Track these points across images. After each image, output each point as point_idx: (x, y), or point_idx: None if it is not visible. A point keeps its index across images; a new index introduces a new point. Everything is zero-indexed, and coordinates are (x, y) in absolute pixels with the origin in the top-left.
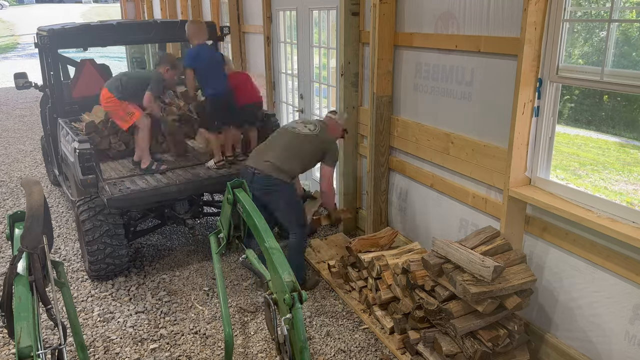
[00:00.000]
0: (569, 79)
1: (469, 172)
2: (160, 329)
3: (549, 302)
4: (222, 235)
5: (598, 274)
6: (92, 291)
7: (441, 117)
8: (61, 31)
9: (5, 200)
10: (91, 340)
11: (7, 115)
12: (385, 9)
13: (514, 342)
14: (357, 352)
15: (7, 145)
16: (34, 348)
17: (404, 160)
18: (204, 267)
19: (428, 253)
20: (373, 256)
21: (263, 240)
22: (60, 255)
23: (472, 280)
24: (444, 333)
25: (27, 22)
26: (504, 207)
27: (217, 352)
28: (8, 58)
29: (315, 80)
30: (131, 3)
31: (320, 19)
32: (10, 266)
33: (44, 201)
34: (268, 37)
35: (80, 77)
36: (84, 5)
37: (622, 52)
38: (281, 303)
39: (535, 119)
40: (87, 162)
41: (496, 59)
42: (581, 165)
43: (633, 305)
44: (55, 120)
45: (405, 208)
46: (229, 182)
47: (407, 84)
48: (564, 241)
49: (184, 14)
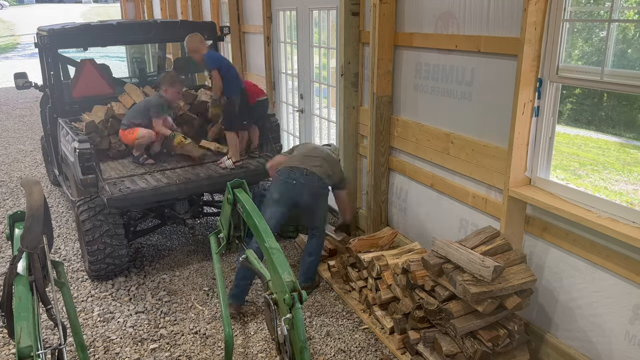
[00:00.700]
0: (569, 79)
1: (469, 172)
2: (160, 329)
3: (549, 302)
4: (222, 235)
5: (598, 274)
6: (92, 291)
7: (441, 117)
8: (61, 31)
9: (5, 200)
10: (91, 340)
11: (7, 115)
12: (385, 9)
13: (514, 342)
14: (357, 352)
15: (7, 145)
16: (34, 348)
17: (404, 160)
18: (204, 267)
19: (428, 253)
20: (373, 256)
21: (263, 240)
22: (60, 255)
23: (472, 280)
24: (444, 333)
25: (27, 22)
26: (504, 207)
27: (217, 352)
28: (8, 58)
29: (315, 80)
30: (131, 3)
31: (320, 19)
32: (10, 266)
33: (44, 201)
34: (268, 37)
35: (80, 77)
36: (84, 5)
37: (622, 52)
38: (281, 303)
39: (535, 119)
40: (87, 162)
41: (496, 59)
42: (581, 165)
43: (633, 305)
44: (55, 120)
45: (405, 208)
46: (229, 182)
47: (407, 84)
48: (564, 241)
49: (184, 14)
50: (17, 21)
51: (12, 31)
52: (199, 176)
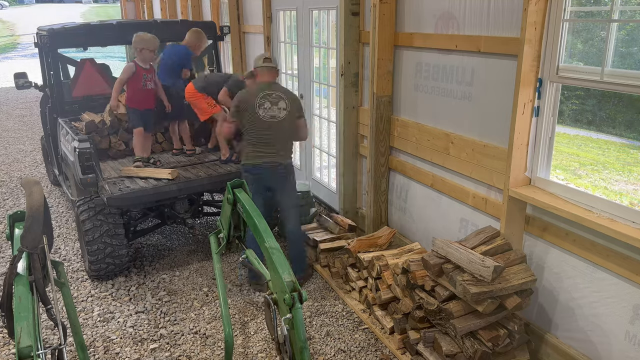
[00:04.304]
0: (569, 79)
1: (469, 172)
2: (160, 329)
3: (549, 302)
4: (222, 235)
5: (598, 274)
6: (92, 291)
7: (441, 117)
8: (61, 31)
9: (5, 200)
10: (91, 340)
11: (7, 115)
12: (385, 9)
13: (514, 342)
14: (357, 352)
15: (7, 145)
16: (34, 348)
17: (404, 160)
18: (204, 267)
19: (428, 253)
20: (373, 256)
21: (263, 240)
22: (60, 255)
23: (472, 280)
24: (444, 333)
25: (27, 22)
26: (504, 207)
27: (217, 352)
28: (8, 58)
29: (315, 80)
30: (131, 3)
31: (320, 19)
32: (10, 266)
33: (44, 201)
34: (268, 37)
35: (80, 77)
36: (84, 5)
37: (622, 52)
38: (281, 303)
39: (535, 119)
40: (87, 162)
41: (496, 59)
42: (581, 165)
43: (633, 305)
44: (55, 120)
45: (405, 208)
46: (229, 182)
47: (407, 84)
48: (564, 241)
49: (184, 14)
50: (17, 21)
51: (12, 31)
52: (199, 175)
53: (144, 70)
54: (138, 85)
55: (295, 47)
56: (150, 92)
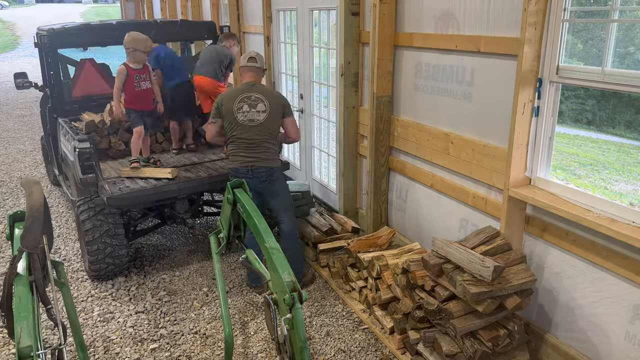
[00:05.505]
0: (569, 79)
1: (469, 172)
2: (160, 329)
3: (549, 302)
4: (222, 235)
5: (598, 274)
6: (92, 291)
7: (441, 117)
8: (61, 31)
9: (5, 200)
10: (91, 340)
11: (7, 115)
12: (385, 9)
13: (514, 342)
14: (357, 352)
15: (7, 145)
16: (34, 348)
17: (404, 160)
18: (204, 267)
19: (428, 253)
20: (373, 256)
21: (263, 240)
22: (60, 255)
23: (472, 280)
24: (444, 333)
25: (27, 22)
26: (504, 207)
27: (217, 352)
28: (8, 58)
29: (315, 80)
30: (131, 3)
31: (320, 19)
32: (10, 266)
33: (44, 201)
34: (268, 37)
35: (80, 77)
36: (84, 5)
37: (622, 52)
38: (281, 303)
39: (535, 119)
40: (87, 161)
41: (496, 59)
42: (581, 165)
43: (633, 306)
44: (55, 120)
45: (405, 208)
46: (229, 182)
47: (407, 84)
48: (564, 241)
49: (184, 14)
50: (17, 21)
51: (12, 31)
52: (199, 175)
53: (135, 71)
54: (131, 87)
55: (295, 47)
56: (145, 93)
